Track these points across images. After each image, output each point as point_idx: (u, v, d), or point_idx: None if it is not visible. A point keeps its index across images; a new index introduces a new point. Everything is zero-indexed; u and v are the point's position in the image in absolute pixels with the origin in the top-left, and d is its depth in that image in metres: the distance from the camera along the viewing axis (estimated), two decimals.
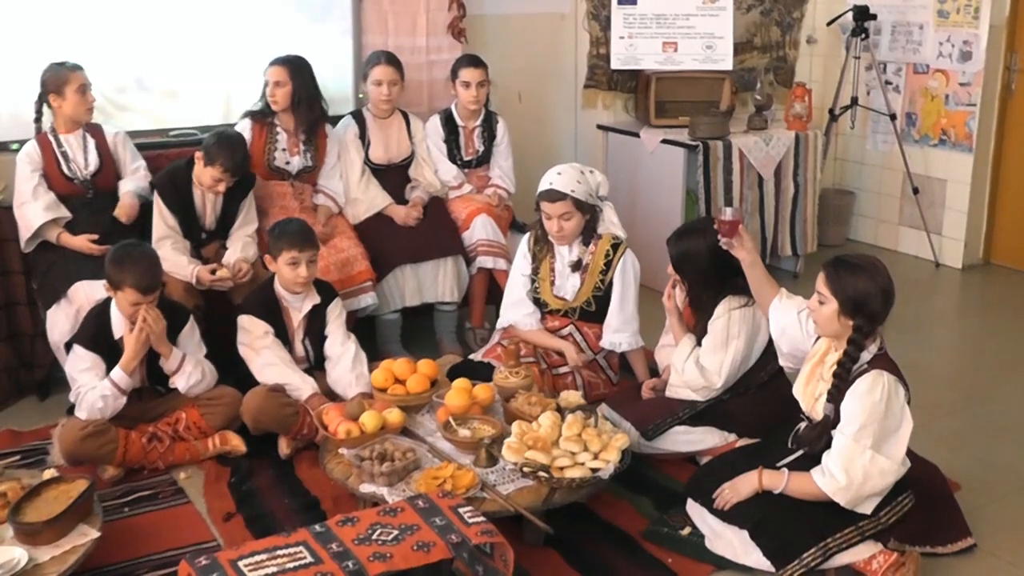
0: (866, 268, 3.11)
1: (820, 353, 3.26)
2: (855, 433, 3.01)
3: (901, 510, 3.13)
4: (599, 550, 3.29)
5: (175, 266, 4.21)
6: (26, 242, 4.28)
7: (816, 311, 3.16)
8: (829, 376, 3.15)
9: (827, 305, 3.10)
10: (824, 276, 3.12)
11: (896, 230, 6.69)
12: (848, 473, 3.00)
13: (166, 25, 4.86)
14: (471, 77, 4.95)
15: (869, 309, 3.06)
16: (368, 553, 2.64)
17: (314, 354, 4.12)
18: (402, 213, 4.82)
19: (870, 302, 3.06)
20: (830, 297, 3.09)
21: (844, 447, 3.03)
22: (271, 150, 4.68)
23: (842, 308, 3.07)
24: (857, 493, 3.02)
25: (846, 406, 3.06)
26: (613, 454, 3.30)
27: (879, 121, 6.58)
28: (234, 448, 3.88)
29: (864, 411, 3.01)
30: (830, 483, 3.03)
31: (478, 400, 3.67)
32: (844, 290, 3.06)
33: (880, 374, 3.05)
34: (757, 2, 6.60)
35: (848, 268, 3.10)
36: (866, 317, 3.06)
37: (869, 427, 3.00)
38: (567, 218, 3.99)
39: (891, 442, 3.04)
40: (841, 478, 3.01)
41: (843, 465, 3.01)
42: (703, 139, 5.62)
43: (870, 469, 3.00)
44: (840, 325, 3.10)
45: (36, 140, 4.36)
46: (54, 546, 2.98)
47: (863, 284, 3.06)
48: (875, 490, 3.04)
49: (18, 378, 4.44)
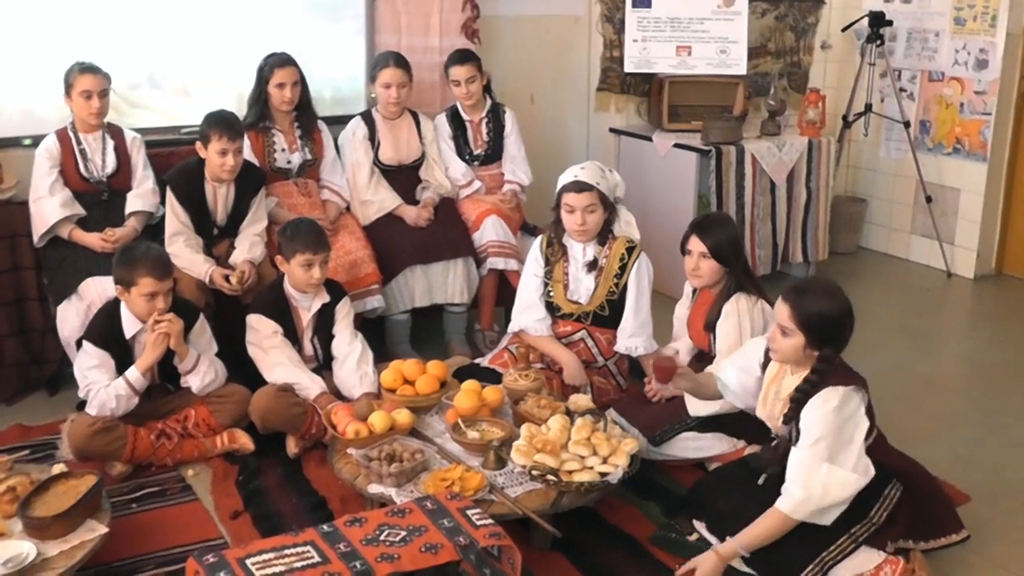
0: (829, 296, 3.06)
1: (773, 375, 3.22)
2: (810, 446, 2.96)
3: (890, 504, 3.08)
4: (607, 555, 3.28)
5: (190, 263, 4.23)
6: (39, 237, 4.30)
7: (778, 342, 3.09)
8: (786, 397, 3.10)
9: (792, 338, 3.04)
10: (789, 309, 3.04)
11: (908, 239, 6.66)
12: (806, 487, 2.95)
13: (178, 23, 4.88)
14: (459, 75, 4.98)
15: (837, 338, 3.02)
16: (376, 554, 2.63)
17: (323, 353, 4.12)
18: (413, 214, 4.82)
19: (837, 331, 3.02)
20: (796, 330, 3.03)
21: (800, 461, 2.98)
22: (270, 153, 4.69)
23: (809, 340, 3.02)
24: (817, 506, 2.96)
25: (803, 421, 3.01)
26: (622, 459, 3.29)
27: (893, 128, 6.56)
28: (242, 446, 3.88)
29: (819, 424, 2.96)
30: (788, 500, 2.98)
31: (487, 402, 3.66)
32: (811, 322, 3.01)
33: (832, 389, 2.99)
34: (772, 7, 6.58)
35: (812, 299, 3.03)
36: (834, 346, 3.03)
37: (824, 439, 2.95)
38: (591, 210, 3.96)
39: (847, 452, 2.98)
40: (798, 492, 2.96)
41: (801, 480, 2.96)
42: (716, 144, 5.61)
43: (828, 481, 2.95)
44: (804, 355, 3.06)
45: (56, 136, 4.37)
46: (62, 541, 2.99)
47: (829, 314, 3.02)
48: (836, 501, 2.97)
49: (28, 373, 4.45)
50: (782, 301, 3.07)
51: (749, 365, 3.38)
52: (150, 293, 3.67)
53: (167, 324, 3.68)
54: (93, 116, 4.34)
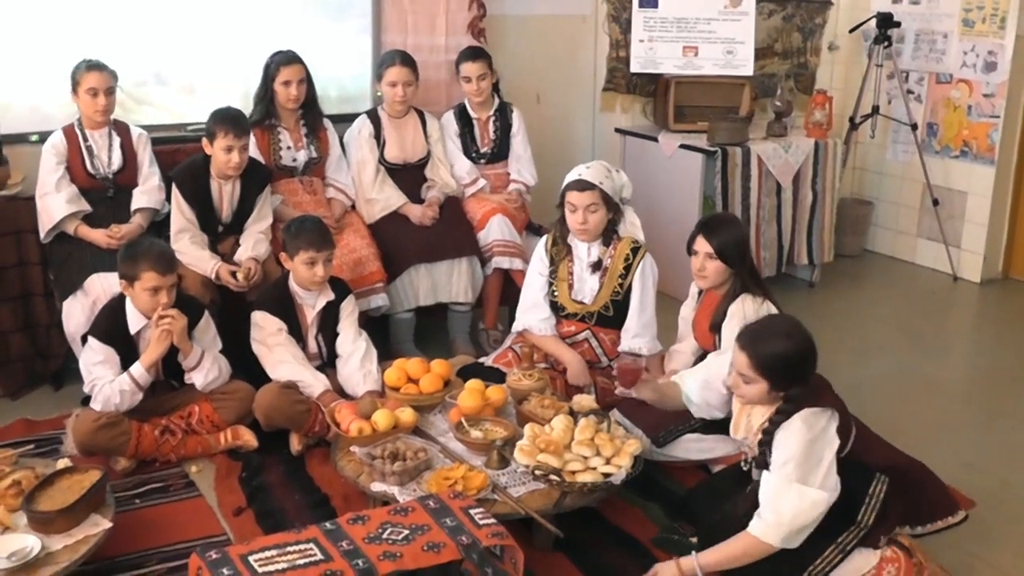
0: (786, 337, 2.96)
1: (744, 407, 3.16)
2: (779, 469, 2.89)
3: (877, 502, 2.98)
4: (609, 555, 3.28)
5: (196, 259, 4.25)
6: (45, 233, 4.31)
7: (742, 389, 3.02)
8: (758, 428, 3.04)
9: (756, 385, 2.97)
10: (748, 358, 2.95)
11: (914, 242, 6.65)
12: (776, 511, 2.87)
13: (184, 21, 4.89)
14: (470, 71, 4.99)
15: (802, 377, 2.95)
16: (378, 552, 2.64)
17: (327, 351, 4.12)
18: (418, 212, 4.82)
19: (802, 371, 2.95)
20: (758, 378, 2.96)
21: (770, 485, 2.91)
22: (276, 150, 4.70)
23: (773, 385, 2.95)
24: (789, 529, 2.86)
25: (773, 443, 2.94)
26: (625, 459, 3.29)
27: (900, 131, 6.54)
28: (246, 443, 3.89)
29: (787, 446, 2.89)
30: (759, 524, 2.89)
31: (491, 402, 3.66)
32: (773, 369, 2.93)
33: (800, 416, 2.91)
34: (779, 7, 6.57)
35: (770, 343, 2.94)
36: (799, 385, 2.95)
37: (792, 461, 2.87)
38: (593, 210, 3.96)
39: (816, 472, 2.88)
40: (769, 516, 2.88)
41: (771, 503, 2.89)
42: (722, 145, 5.60)
43: (799, 504, 2.86)
44: (771, 398, 2.99)
45: (63, 132, 4.39)
46: (67, 535, 3.00)
47: (789, 356, 2.93)
48: (806, 523, 2.87)
49: (33, 368, 4.46)
50: (739, 349, 2.98)
51: (712, 381, 3.33)
52: (153, 288, 3.68)
53: (170, 320, 3.69)
54: (99, 113, 4.35)
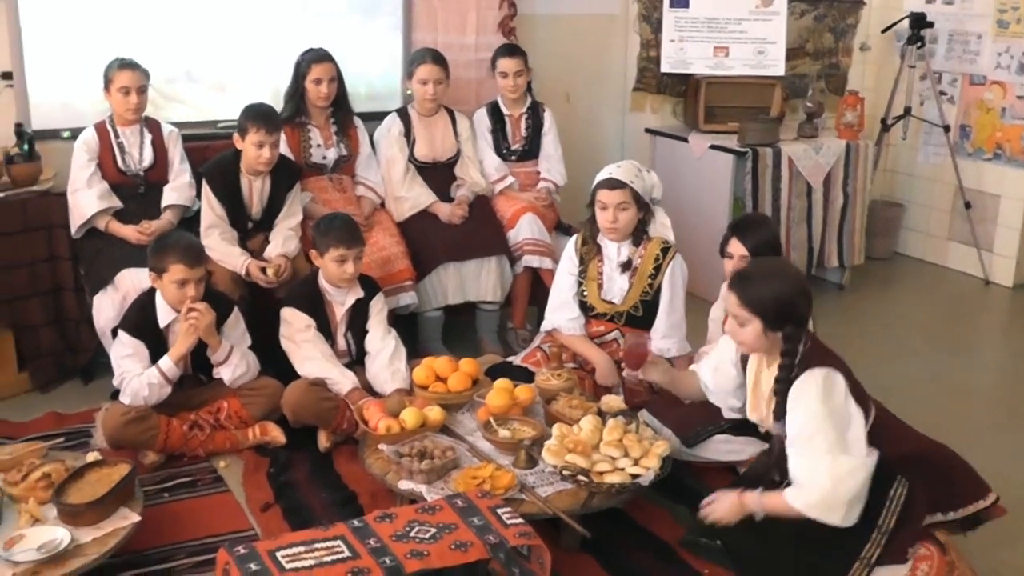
0: (777, 274, 2.98)
1: (753, 375, 3.13)
2: (806, 444, 2.83)
3: (898, 505, 2.91)
4: (635, 557, 3.27)
5: (226, 255, 4.27)
6: (76, 229, 4.34)
7: (738, 333, 2.99)
8: (770, 393, 3.00)
9: (750, 325, 2.94)
10: (737, 297, 2.94)
11: (945, 245, 6.59)
12: (816, 485, 2.80)
13: (215, 19, 4.92)
14: (508, 67, 5.01)
15: (795, 315, 2.91)
16: (405, 550, 2.64)
17: (356, 348, 4.13)
18: (447, 211, 4.82)
19: (794, 308, 2.91)
20: (751, 316, 2.92)
21: (801, 462, 2.85)
22: (306, 148, 4.71)
23: (767, 323, 2.91)
24: (833, 502, 2.79)
25: (789, 422, 2.89)
26: (653, 461, 3.28)
27: (932, 133, 6.48)
28: (274, 439, 3.90)
29: (807, 418, 2.84)
30: (802, 500, 2.83)
31: (519, 401, 3.66)
32: (764, 304, 2.90)
33: (810, 374, 2.87)
34: (811, 7, 6.52)
35: (759, 280, 2.94)
36: (794, 323, 2.90)
37: (818, 432, 2.81)
38: (623, 208, 3.95)
39: (848, 438, 2.83)
40: (811, 494, 2.81)
41: (808, 479, 2.82)
42: (752, 146, 5.57)
43: (836, 472, 2.78)
44: (768, 340, 2.94)
45: (94, 129, 4.42)
46: (95, 528, 3.01)
47: (780, 291, 2.91)
48: (851, 493, 2.79)
49: (63, 362, 4.49)
50: (729, 290, 2.98)
51: (722, 364, 3.31)
52: (180, 280, 3.70)
53: (197, 315, 3.71)
54: (131, 112, 4.37)
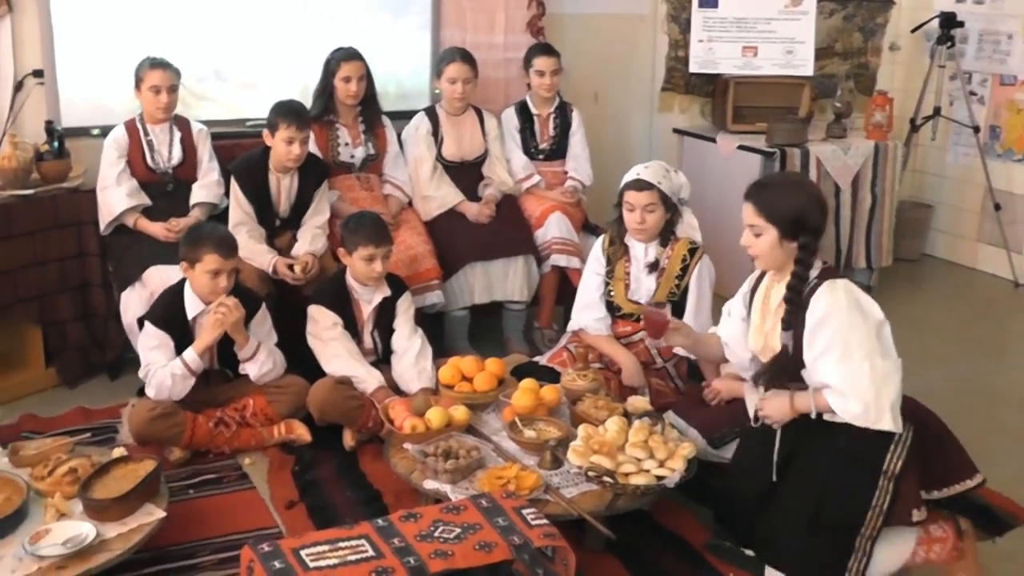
0: (791, 184, 3.03)
1: (764, 293, 3.10)
2: (843, 354, 2.82)
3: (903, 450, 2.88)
4: (660, 559, 3.26)
5: (253, 253, 4.28)
6: (105, 225, 4.37)
7: (754, 245, 2.99)
8: (779, 309, 2.99)
9: (765, 235, 2.95)
10: (753, 205, 2.96)
11: (974, 247, 6.53)
12: (859, 395, 2.81)
13: (245, 18, 4.93)
14: (545, 66, 5.00)
15: (810, 224, 2.92)
16: (429, 550, 2.63)
17: (382, 347, 4.13)
18: (474, 210, 4.82)
19: (809, 216, 2.92)
20: (766, 225, 2.94)
21: (841, 373, 2.83)
22: (334, 146, 4.73)
23: (782, 232, 2.93)
24: (878, 410, 2.81)
25: (817, 334, 2.87)
26: (679, 462, 3.26)
27: (961, 133, 6.43)
28: (299, 437, 3.91)
29: (841, 328, 2.84)
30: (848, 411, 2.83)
31: (544, 401, 3.65)
32: (779, 212, 2.92)
33: (832, 283, 2.88)
34: (840, 7, 6.48)
35: (775, 189, 2.99)
36: (810, 233, 2.92)
37: (852, 340, 2.82)
38: (651, 210, 3.93)
39: (881, 343, 2.85)
40: (855, 405, 2.82)
41: (849, 390, 2.82)
42: (780, 146, 5.55)
43: (875, 379, 2.80)
44: (783, 251, 2.96)
45: (124, 126, 4.44)
46: (121, 523, 3.02)
47: (796, 200, 2.93)
48: (891, 397, 2.82)
49: (91, 358, 4.53)
50: (746, 200, 2.99)
51: (733, 308, 3.29)
52: (214, 270, 3.72)
53: (225, 310, 3.71)
54: (161, 110, 4.40)
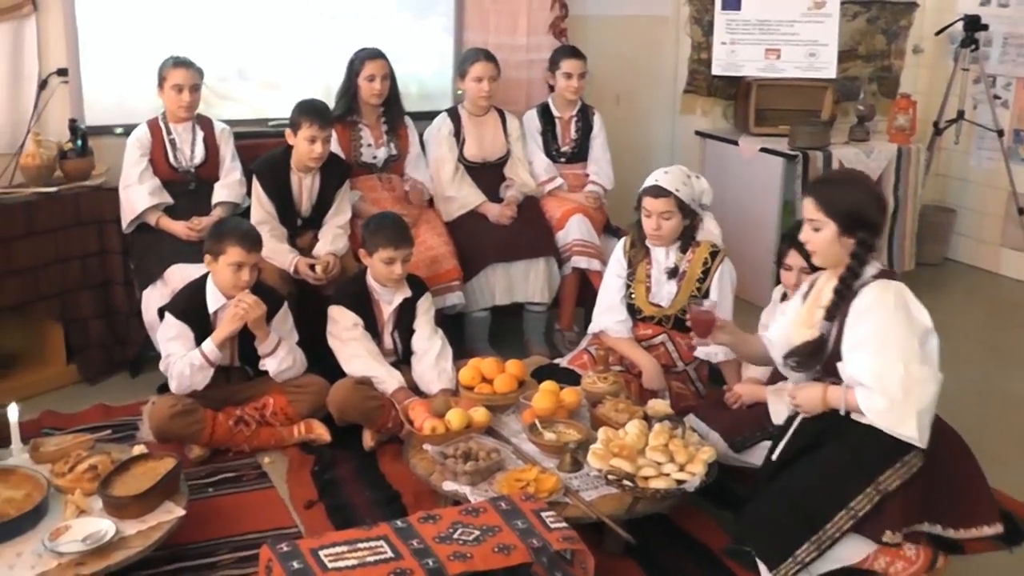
0: (852, 180, 3.04)
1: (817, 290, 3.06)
2: (879, 350, 2.79)
3: (908, 471, 2.80)
4: (679, 563, 3.24)
5: (274, 252, 4.28)
6: (127, 223, 4.40)
7: (812, 239, 2.99)
8: (828, 298, 2.96)
9: (824, 229, 2.94)
10: (814, 200, 2.96)
11: (998, 251, 6.47)
12: (886, 393, 2.76)
13: (268, 18, 4.95)
14: (573, 68, 5.00)
15: (869, 220, 2.92)
16: (448, 552, 2.63)
17: (403, 348, 4.12)
18: (496, 211, 4.82)
19: (868, 213, 2.92)
20: (826, 220, 2.93)
21: (873, 367, 2.79)
22: (356, 147, 4.74)
23: (841, 227, 2.91)
24: (902, 412, 2.75)
25: (857, 325, 2.85)
26: (699, 467, 3.24)
27: (985, 137, 6.38)
28: (319, 437, 3.91)
29: (882, 324, 2.81)
30: (872, 409, 2.79)
31: (565, 404, 3.64)
32: (839, 207, 2.91)
33: (887, 283, 2.87)
34: (863, 9, 6.44)
35: (835, 184, 3.04)
36: (868, 229, 2.92)
37: (892, 338, 2.79)
38: (667, 217, 3.92)
39: (923, 351, 2.80)
40: (880, 402, 2.77)
41: (877, 386, 2.78)
42: (802, 149, 5.53)
43: (907, 382, 2.75)
44: (841, 247, 2.94)
45: (147, 125, 4.46)
46: (140, 521, 3.04)
47: (856, 196, 2.94)
48: (922, 403, 2.75)
49: (112, 355, 4.55)
50: (806, 195, 3.00)
51: (789, 308, 3.24)
52: (237, 263, 3.73)
53: (247, 306, 3.72)
54: (184, 109, 4.42)
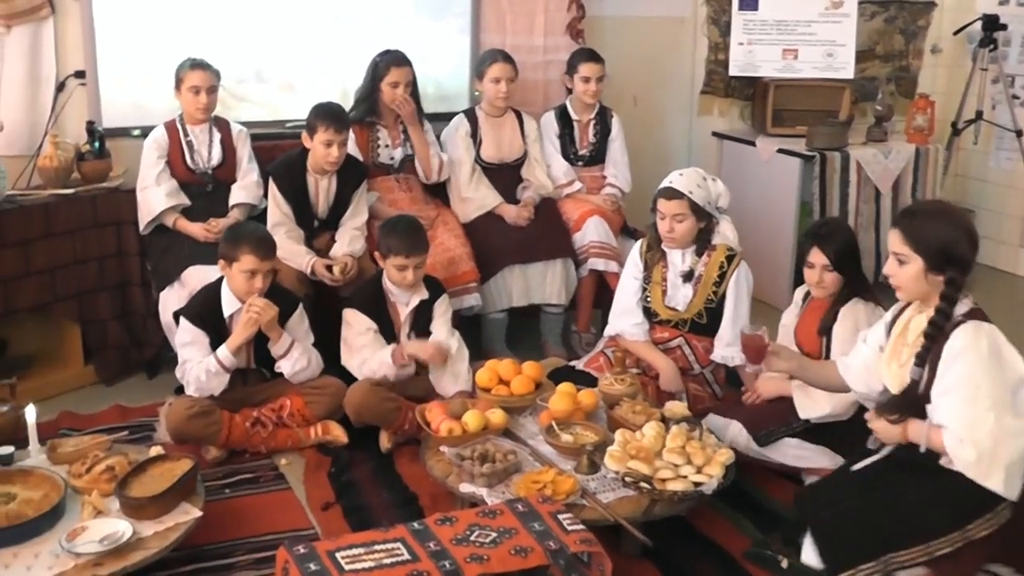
0: (945, 213, 2.86)
1: (904, 324, 2.93)
2: (970, 394, 2.67)
3: (996, 521, 2.73)
4: (697, 566, 3.23)
5: (291, 254, 4.29)
6: (145, 225, 4.41)
7: (897, 274, 2.84)
8: (916, 341, 2.83)
9: (910, 264, 2.80)
10: (901, 233, 2.81)
11: (1017, 252, 6.43)
12: (976, 444, 2.64)
13: (285, 19, 4.95)
14: (591, 72, 4.97)
15: (959, 258, 2.77)
16: (465, 554, 2.63)
17: None
18: (513, 213, 4.81)
19: (958, 249, 2.77)
20: (913, 255, 2.79)
21: (963, 416, 2.68)
22: (374, 148, 4.73)
23: (929, 264, 2.77)
24: (991, 463, 2.64)
25: (949, 370, 2.72)
26: (716, 469, 3.23)
27: (1004, 137, 6.34)
28: (336, 438, 3.91)
29: (973, 368, 2.69)
30: (960, 457, 2.67)
31: (582, 406, 3.64)
32: (928, 243, 2.76)
33: (978, 325, 2.74)
34: (881, 9, 6.40)
35: (926, 217, 2.83)
36: (957, 267, 2.76)
37: (984, 386, 2.66)
38: (680, 219, 3.91)
39: (1016, 401, 2.69)
40: (969, 452, 2.65)
41: (967, 436, 2.66)
42: (820, 150, 5.51)
43: (998, 433, 2.64)
44: (928, 284, 2.80)
45: (164, 127, 4.47)
46: (157, 522, 3.04)
47: (946, 232, 2.78)
48: (1013, 457, 2.65)
49: (129, 356, 4.56)
50: (893, 227, 2.86)
51: (871, 337, 3.09)
52: (250, 270, 3.74)
53: (258, 310, 3.73)
54: (201, 111, 4.42)
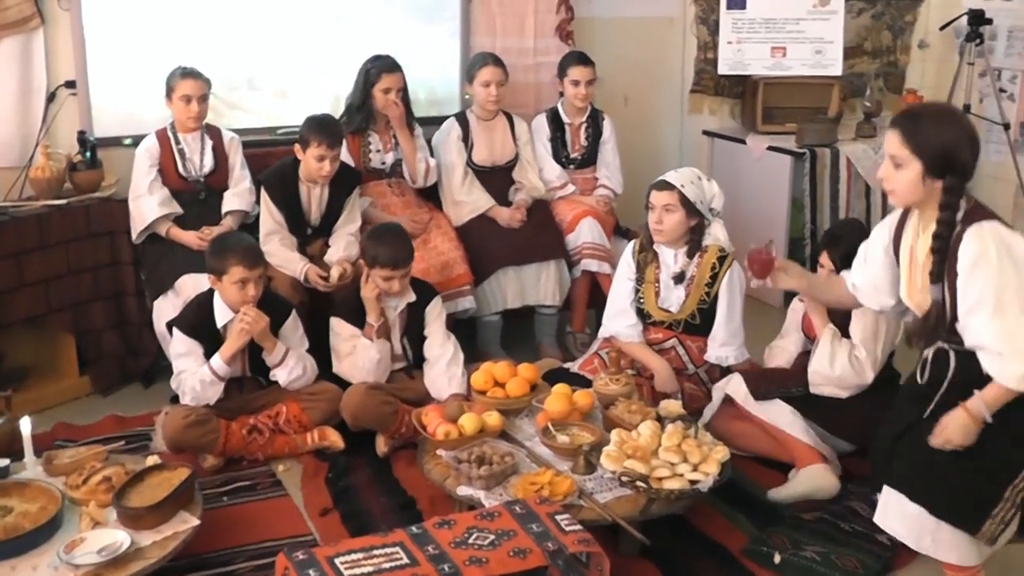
0: (946, 115, 2.70)
1: (909, 246, 2.81)
2: (996, 308, 2.54)
3: None
4: (696, 564, 3.24)
5: (285, 261, 4.30)
6: (138, 234, 4.40)
7: (892, 179, 2.70)
8: (927, 258, 2.72)
9: (907, 168, 2.65)
10: (900, 134, 2.65)
11: None
12: (1019, 355, 2.52)
13: (276, 27, 4.95)
14: (581, 75, 4.96)
15: (960, 162, 2.62)
16: (465, 557, 2.63)
17: (412, 353, 4.13)
18: (506, 215, 4.81)
19: (960, 154, 2.62)
20: (911, 157, 2.64)
21: (997, 331, 2.55)
22: (366, 154, 4.74)
23: (928, 168, 2.62)
24: None
25: (968, 287, 2.60)
26: (713, 466, 3.24)
27: (992, 130, 6.33)
28: (332, 444, 3.91)
29: (990, 278, 2.56)
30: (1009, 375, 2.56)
31: (578, 406, 3.64)
32: (928, 145, 2.61)
33: (979, 227, 2.60)
34: (868, 5, 6.43)
35: (927, 120, 2.66)
36: (957, 173, 2.62)
37: (1007, 291, 2.54)
38: (669, 210, 3.92)
39: None
40: (1014, 367, 2.54)
41: (1007, 349, 2.54)
42: (810, 146, 5.53)
43: None
44: (924, 190, 2.66)
45: (156, 136, 4.47)
46: (156, 531, 3.03)
47: (949, 134, 2.62)
48: None
49: (124, 366, 4.55)
50: (891, 127, 2.69)
51: (871, 252, 2.98)
52: (240, 280, 3.73)
53: (250, 320, 3.72)
54: (192, 120, 4.42)
